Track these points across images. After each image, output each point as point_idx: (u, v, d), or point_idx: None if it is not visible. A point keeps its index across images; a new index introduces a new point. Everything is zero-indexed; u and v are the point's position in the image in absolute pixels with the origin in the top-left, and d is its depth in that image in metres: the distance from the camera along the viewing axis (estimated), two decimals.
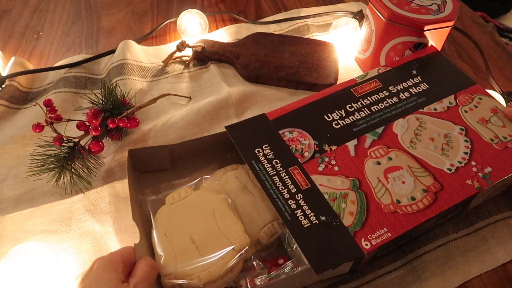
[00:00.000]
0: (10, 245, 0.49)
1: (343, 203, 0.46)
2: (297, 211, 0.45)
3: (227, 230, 0.45)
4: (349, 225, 0.44)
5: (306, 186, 0.47)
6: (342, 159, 0.49)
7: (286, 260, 0.45)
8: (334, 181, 0.47)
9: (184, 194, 0.49)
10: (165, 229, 0.46)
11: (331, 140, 0.51)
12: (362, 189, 0.47)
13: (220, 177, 0.52)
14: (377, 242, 0.43)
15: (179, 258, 0.43)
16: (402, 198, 0.46)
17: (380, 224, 0.44)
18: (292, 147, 0.50)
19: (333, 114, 0.54)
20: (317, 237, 0.43)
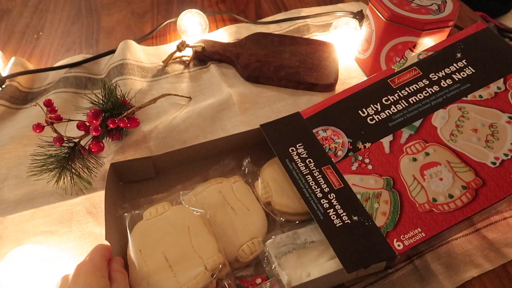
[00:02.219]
0: (10, 246, 0.49)
1: (376, 203, 0.45)
2: (330, 210, 0.45)
3: (201, 248, 0.45)
4: (381, 225, 0.43)
5: (339, 186, 0.47)
6: (376, 157, 0.48)
7: (264, 280, 0.45)
8: (367, 180, 0.47)
9: (161, 209, 0.49)
10: (140, 245, 0.45)
11: (366, 137, 0.50)
12: (396, 188, 0.45)
13: (200, 192, 0.52)
14: (410, 242, 0.42)
15: (152, 276, 0.43)
16: (438, 196, 0.44)
17: (414, 224, 0.43)
18: (325, 146, 0.50)
19: (368, 109, 0.52)
20: (349, 237, 0.43)
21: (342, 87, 0.70)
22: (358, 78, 0.72)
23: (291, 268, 0.45)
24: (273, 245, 0.46)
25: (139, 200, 0.53)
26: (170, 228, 0.47)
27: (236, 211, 0.50)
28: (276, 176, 0.53)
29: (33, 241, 0.50)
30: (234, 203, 0.51)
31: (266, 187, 0.52)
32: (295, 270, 0.45)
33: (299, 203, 0.50)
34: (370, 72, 0.72)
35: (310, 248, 0.46)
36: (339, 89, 0.69)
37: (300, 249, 0.46)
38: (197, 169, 0.56)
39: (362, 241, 0.43)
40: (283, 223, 0.51)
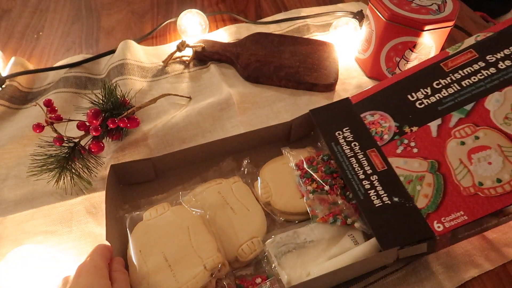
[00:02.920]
0: (10, 246, 0.49)
1: (419, 186, 0.45)
2: (370, 191, 0.46)
3: (200, 248, 0.45)
4: (422, 207, 0.44)
5: (382, 168, 0.48)
6: (422, 141, 0.48)
7: (264, 279, 0.45)
8: (411, 163, 0.47)
9: (161, 210, 0.49)
10: (140, 246, 0.46)
11: (413, 121, 0.50)
12: (441, 171, 0.45)
13: (200, 193, 0.52)
14: (451, 225, 0.42)
15: (152, 276, 0.43)
16: (485, 180, 0.43)
17: (457, 207, 0.43)
18: (372, 130, 0.51)
19: (418, 93, 0.51)
20: (387, 216, 0.44)
21: (342, 87, 0.70)
22: (358, 78, 0.72)
23: (291, 267, 0.45)
24: (273, 245, 0.46)
25: (139, 201, 0.53)
26: (170, 228, 0.47)
27: (236, 211, 0.50)
28: (275, 176, 0.53)
29: (33, 241, 0.50)
30: (234, 203, 0.51)
31: (266, 187, 0.52)
32: (295, 269, 0.45)
33: (298, 203, 0.50)
34: (370, 72, 0.72)
35: (310, 247, 0.46)
36: (339, 89, 0.70)
37: (300, 249, 0.46)
38: (197, 170, 0.56)
39: (400, 221, 0.44)
40: (282, 223, 0.51)
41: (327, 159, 0.54)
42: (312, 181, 0.51)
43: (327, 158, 0.54)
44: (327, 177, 0.52)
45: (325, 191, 0.50)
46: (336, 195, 0.50)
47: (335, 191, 0.50)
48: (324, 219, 0.48)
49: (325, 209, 0.49)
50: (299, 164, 0.54)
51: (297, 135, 0.60)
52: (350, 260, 0.43)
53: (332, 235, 0.47)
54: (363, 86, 0.70)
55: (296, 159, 0.54)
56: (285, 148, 0.56)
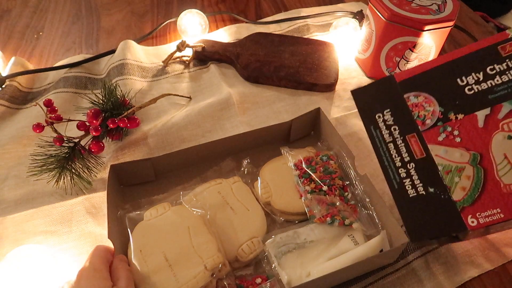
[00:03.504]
0: (10, 246, 0.49)
1: (457, 177, 0.44)
2: (406, 180, 0.45)
3: (201, 248, 0.45)
4: (458, 199, 0.43)
5: (420, 156, 0.46)
6: (467, 130, 0.45)
7: (264, 280, 0.45)
8: (452, 153, 0.45)
9: (161, 210, 0.49)
10: (141, 245, 0.46)
11: (459, 108, 0.46)
12: (482, 164, 0.44)
13: (200, 193, 0.52)
14: (486, 221, 0.41)
15: (152, 276, 0.43)
16: None
17: (494, 204, 0.42)
18: (414, 113, 0.48)
19: (468, 78, 0.47)
20: (420, 208, 0.43)
21: (342, 87, 0.70)
22: (358, 78, 0.72)
23: (291, 267, 0.45)
24: (273, 245, 0.46)
25: (139, 201, 0.53)
26: (170, 228, 0.47)
27: (236, 211, 0.50)
28: (275, 176, 0.53)
29: (33, 241, 0.50)
30: (234, 203, 0.51)
31: (266, 187, 0.52)
32: (295, 269, 0.45)
33: (298, 203, 0.50)
34: (370, 72, 0.72)
35: (310, 247, 0.46)
36: (339, 89, 0.70)
37: (300, 249, 0.46)
38: (197, 170, 0.56)
39: (433, 213, 0.43)
40: (282, 223, 0.51)
41: (326, 159, 0.54)
42: (311, 181, 0.51)
43: (326, 158, 0.54)
44: (325, 177, 0.52)
45: (323, 191, 0.50)
46: (334, 196, 0.50)
47: (333, 192, 0.50)
48: (321, 219, 0.48)
49: (323, 209, 0.49)
50: (297, 164, 0.54)
51: (297, 135, 0.60)
52: (350, 261, 0.43)
53: (332, 235, 0.47)
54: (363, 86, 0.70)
55: (295, 159, 0.54)
56: (284, 148, 0.56)
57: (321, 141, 0.59)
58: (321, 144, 0.58)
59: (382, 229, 0.48)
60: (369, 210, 0.50)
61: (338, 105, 0.67)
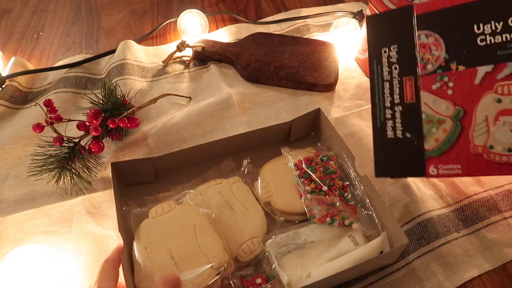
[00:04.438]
0: (10, 246, 0.49)
1: (435, 128, 0.45)
2: (389, 122, 0.47)
3: (207, 247, 0.45)
4: (428, 149, 0.45)
5: (410, 100, 0.47)
6: (462, 84, 0.45)
7: (264, 280, 0.45)
8: (440, 104, 0.46)
9: (167, 208, 0.49)
10: (146, 243, 0.46)
11: (463, 59, 0.45)
12: (463, 122, 0.44)
13: (205, 191, 0.52)
14: (444, 173, 0.44)
15: (157, 274, 0.43)
16: (498, 145, 0.42)
17: (458, 160, 0.44)
18: (419, 55, 0.47)
19: (486, 26, 0.44)
20: (393, 149, 0.46)
21: (342, 87, 0.70)
22: (358, 78, 0.72)
23: (291, 268, 0.45)
24: (273, 245, 0.46)
25: (144, 198, 0.53)
26: (176, 226, 0.47)
27: (236, 211, 0.50)
28: (275, 176, 0.53)
29: (33, 241, 0.50)
30: (234, 203, 0.51)
31: (266, 187, 0.52)
32: (295, 270, 0.45)
33: (298, 203, 0.50)
34: None
35: (310, 248, 0.46)
36: (339, 89, 0.70)
37: (300, 249, 0.46)
38: (197, 171, 0.56)
39: (402, 156, 0.46)
40: (282, 223, 0.51)
41: (326, 159, 0.54)
42: (311, 181, 0.51)
43: (326, 159, 0.54)
44: (325, 177, 0.52)
45: (323, 191, 0.50)
46: (334, 196, 0.50)
47: (333, 192, 0.50)
48: (321, 219, 0.48)
49: (322, 209, 0.49)
50: (298, 164, 0.54)
51: (297, 135, 0.60)
52: (351, 262, 0.43)
53: (332, 236, 0.47)
54: (363, 86, 0.70)
55: (295, 159, 0.54)
56: (284, 148, 0.56)
57: (321, 142, 0.59)
58: (321, 144, 0.58)
59: (382, 229, 0.48)
60: (369, 210, 0.50)
61: (338, 105, 0.67)
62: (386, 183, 0.55)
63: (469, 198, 0.54)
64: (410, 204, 0.53)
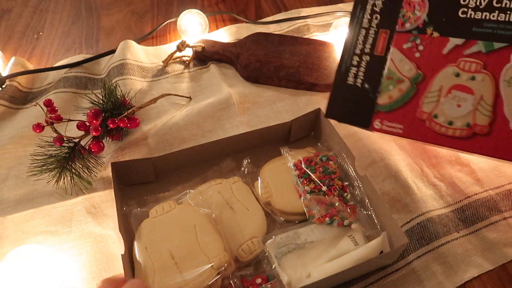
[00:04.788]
0: (10, 246, 0.49)
1: (392, 86, 0.47)
2: (353, 68, 0.48)
3: (207, 247, 0.45)
4: (380, 103, 0.47)
5: (379, 53, 0.48)
6: (430, 50, 0.47)
7: (264, 280, 0.45)
8: (404, 64, 0.47)
9: (167, 207, 0.49)
10: (146, 243, 0.46)
11: (440, 26, 0.46)
12: (419, 86, 0.46)
13: (205, 191, 0.52)
14: (387, 130, 0.47)
15: (158, 273, 0.43)
16: (441, 116, 0.45)
17: (402, 121, 0.46)
18: (402, 11, 0.48)
19: (472, 0, 0.46)
20: (349, 95, 0.49)
21: None
22: None
23: (291, 268, 0.45)
24: (273, 245, 0.46)
25: (144, 198, 0.53)
26: (177, 226, 0.47)
27: (236, 211, 0.50)
28: (275, 176, 0.53)
29: (33, 241, 0.50)
30: (234, 203, 0.51)
31: (266, 187, 0.52)
32: (295, 270, 0.45)
33: (298, 203, 0.50)
34: None
35: (310, 248, 0.46)
36: None
37: (300, 249, 0.46)
38: (197, 171, 0.56)
39: (355, 104, 0.49)
40: (283, 223, 0.51)
41: (325, 159, 0.54)
42: (310, 182, 0.51)
43: (325, 159, 0.54)
44: (325, 178, 0.52)
45: (322, 191, 0.50)
46: (334, 196, 0.50)
47: (332, 192, 0.50)
48: (320, 219, 0.48)
49: (322, 209, 0.49)
50: (297, 164, 0.54)
51: (297, 135, 0.60)
52: (351, 262, 0.43)
53: (333, 236, 0.47)
54: None
55: (294, 159, 0.54)
56: (283, 148, 0.56)
57: (321, 142, 0.59)
58: (321, 144, 0.58)
59: (382, 229, 0.48)
60: (369, 210, 0.50)
61: None
62: (386, 183, 0.55)
63: (469, 198, 0.54)
64: (410, 204, 0.53)
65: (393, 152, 0.58)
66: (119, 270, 0.48)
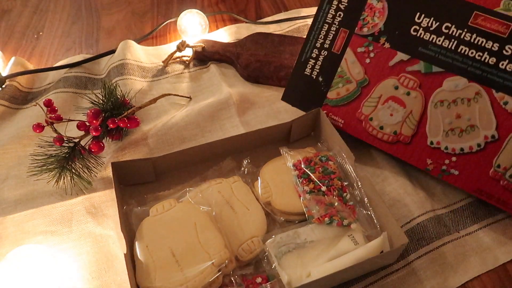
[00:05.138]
0: (10, 246, 0.49)
1: (341, 84, 0.53)
2: (311, 61, 0.53)
3: (208, 244, 0.45)
4: (330, 97, 0.54)
5: (336, 51, 0.52)
6: (378, 59, 0.51)
7: (264, 279, 0.45)
8: (355, 67, 0.52)
9: (168, 206, 0.49)
10: (147, 241, 0.46)
11: (393, 38, 0.50)
12: (363, 90, 0.51)
13: (205, 190, 0.52)
14: (331, 120, 0.55)
15: (159, 271, 0.43)
16: (376, 120, 0.52)
17: (343, 116, 0.53)
18: (363, 14, 0.51)
19: (425, 19, 0.48)
20: (304, 84, 0.55)
21: None
22: None
23: (291, 267, 0.45)
24: (273, 245, 0.46)
25: (145, 197, 0.53)
26: (177, 224, 0.47)
27: (236, 211, 0.50)
28: (275, 176, 0.53)
29: (33, 241, 0.50)
30: (234, 203, 0.51)
31: (266, 187, 0.52)
32: (295, 269, 0.45)
33: (298, 203, 0.50)
34: None
35: (310, 247, 0.46)
36: None
37: (300, 249, 0.46)
38: (197, 170, 0.56)
39: (308, 94, 0.55)
40: (282, 223, 0.51)
41: (325, 160, 0.54)
42: (309, 182, 0.51)
43: (325, 159, 0.54)
44: (324, 178, 0.52)
45: (322, 191, 0.50)
46: (333, 196, 0.50)
47: (332, 192, 0.50)
48: (320, 219, 0.48)
49: (321, 209, 0.49)
50: (296, 164, 0.54)
51: (297, 135, 0.60)
52: (351, 262, 0.43)
53: (332, 235, 0.47)
54: None
55: (294, 159, 0.54)
56: (283, 148, 0.56)
57: (321, 142, 0.59)
58: (321, 144, 0.58)
59: (382, 229, 0.48)
60: (369, 210, 0.50)
61: None
62: (386, 183, 0.55)
63: (469, 198, 0.54)
64: (410, 204, 0.53)
65: None
66: (119, 270, 0.48)
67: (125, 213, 0.51)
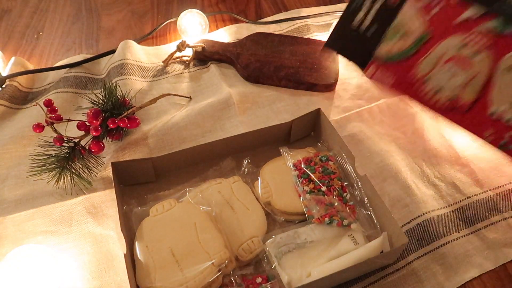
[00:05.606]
0: (10, 246, 0.49)
1: (396, 39, 0.47)
2: (360, 13, 0.49)
3: (208, 244, 0.45)
4: (380, 52, 0.48)
5: (392, 3, 0.47)
6: (447, 11, 0.45)
7: (265, 279, 0.45)
8: (415, 19, 0.47)
9: (168, 206, 0.49)
10: (147, 241, 0.46)
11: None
12: (422, 46, 0.46)
13: (205, 190, 0.52)
14: (378, 77, 0.51)
15: (159, 271, 0.43)
16: (432, 82, 0.46)
17: (395, 73, 0.48)
18: None
19: None
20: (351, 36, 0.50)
21: (342, 87, 0.70)
22: (358, 78, 0.72)
23: (291, 267, 0.45)
24: (273, 245, 0.46)
25: (145, 197, 0.53)
26: (177, 224, 0.47)
27: (236, 211, 0.50)
28: (275, 176, 0.53)
29: (33, 241, 0.50)
30: (234, 203, 0.51)
31: (266, 187, 0.52)
32: (295, 269, 0.45)
33: (298, 203, 0.50)
34: None
35: (310, 247, 0.46)
36: (339, 89, 0.69)
37: (300, 249, 0.46)
38: (197, 171, 0.56)
39: (356, 45, 0.51)
40: (283, 223, 0.51)
41: (325, 160, 0.54)
42: (309, 182, 0.51)
43: (325, 159, 0.54)
44: (324, 178, 0.52)
45: (322, 192, 0.50)
46: (333, 196, 0.50)
47: (332, 192, 0.50)
48: (320, 219, 0.48)
49: (321, 209, 0.49)
50: (296, 164, 0.54)
51: (297, 135, 0.60)
52: (351, 262, 0.43)
53: (333, 235, 0.47)
54: (363, 86, 0.69)
55: (294, 159, 0.54)
56: (283, 148, 0.56)
57: (321, 142, 0.59)
58: (321, 144, 0.58)
59: (382, 230, 0.48)
60: (368, 210, 0.50)
61: (338, 105, 0.67)
62: (386, 183, 0.55)
63: (469, 198, 0.54)
64: (410, 204, 0.53)
65: (393, 152, 0.58)
66: (119, 270, 0.48)
67: (125, 213, 0.51)
